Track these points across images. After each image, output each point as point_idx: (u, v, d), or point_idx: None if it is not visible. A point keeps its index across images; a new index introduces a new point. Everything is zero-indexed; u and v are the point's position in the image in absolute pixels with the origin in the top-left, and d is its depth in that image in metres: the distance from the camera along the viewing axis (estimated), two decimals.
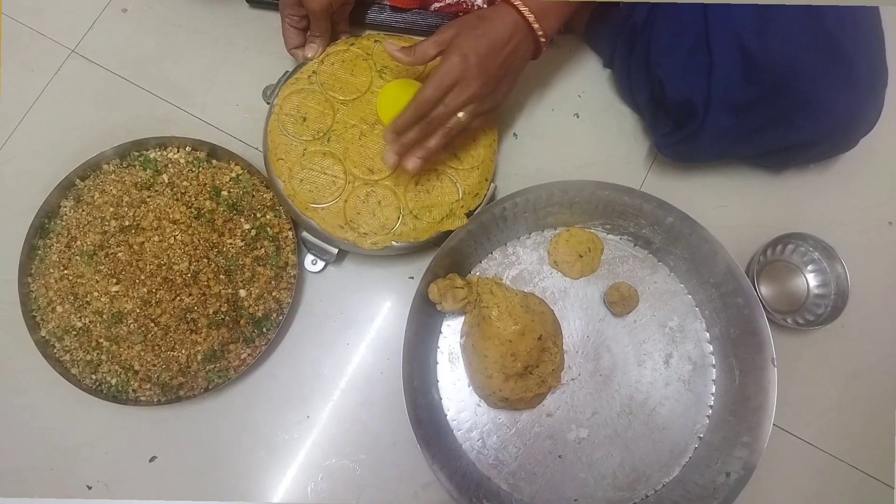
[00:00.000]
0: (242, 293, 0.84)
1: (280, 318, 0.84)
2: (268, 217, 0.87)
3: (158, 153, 0.89)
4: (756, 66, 0.76)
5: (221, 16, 0.98)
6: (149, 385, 0.82)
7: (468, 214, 0.84)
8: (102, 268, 0.83)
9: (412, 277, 0.90)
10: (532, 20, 0.74)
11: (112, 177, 0.87)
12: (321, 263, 0.88)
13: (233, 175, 0.88)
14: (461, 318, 0.87)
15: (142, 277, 0.83)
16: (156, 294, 0.82)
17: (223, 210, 0.86)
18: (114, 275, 0.83)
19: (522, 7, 0.74)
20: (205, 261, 0.84)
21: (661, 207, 0.84)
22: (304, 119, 0.85)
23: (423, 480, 0.84)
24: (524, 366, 0.81)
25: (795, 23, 0.74)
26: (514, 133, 0.96)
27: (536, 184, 0.84)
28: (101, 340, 0.82)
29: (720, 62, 0.77)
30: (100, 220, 0.85)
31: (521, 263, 0.90)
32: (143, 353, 0.82)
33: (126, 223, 0.85)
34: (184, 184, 0.87)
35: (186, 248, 0.84)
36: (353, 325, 0.89)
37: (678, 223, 0.84)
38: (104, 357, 0.82)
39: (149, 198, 0.86)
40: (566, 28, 0.99)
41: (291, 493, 0.83)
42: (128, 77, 0.96)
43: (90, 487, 0.83)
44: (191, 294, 0.83)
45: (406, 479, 0.84)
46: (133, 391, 0.82)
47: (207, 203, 0.86)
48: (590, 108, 0.97)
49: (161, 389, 0.82)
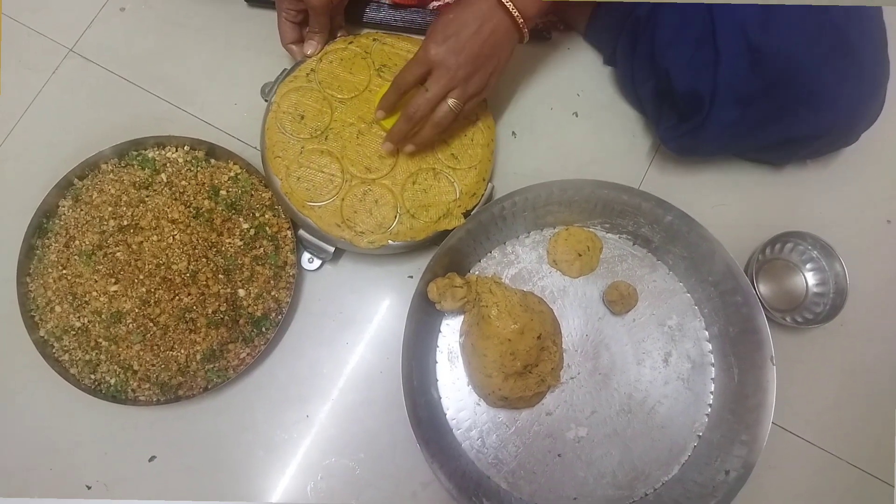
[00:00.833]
0: (241, 293, 0.84)
1: (279, 318, 0.84)
2: (266, 216, 0.87)
3: (157, 152, 0.89)
4: (761, 57, 0.76)
5: (220, 14, 0.98)
6: (148, 385, 0.82)
7: (465, 214, 0.84)
8: (101, 267, 0.83)
9: (411, 276, 0.90)
10: (507, 2, 0.74)
11: (110, 176, 0.87)
12: (318, 262, 0.88)
13: (231, 174, 0.88)
14: (460, 317, 0.87)
15: (140, 277, 0.83)
16: (154, 294, 0.82)
17: (222, 209, 0.86)
18: (112, 274, 0.83)
19: None
20: (203, 260, 0.84)
21: (660, 206, 0.84)
22: (302, 117, 0.85)
23: (423, 479, 0.84)
24: (523, 365, 0.81)
25: (800, 14, 0.74)
26: (513, 132, 0.96)
27: (535, 183, 0.84)
28: (100, 340, 0.82)
29: (726, 54, 0.77)
30: (98, 220, 0.85)
31: (521, 262, 0.90)
32: (142, 353, 0.82)
33: (124, 223, 0.85)
34: (182, 183, 0.87)
35: (185, 248, 0.84)
36: (353, 325, 0.89)
37: (677, 222, 0.84)
38: (103, 357, 0.82)
39: (147, 197, 0.86)
40: (567, 25, 0.99)
41: (291, 493, 0.83)
42: (126, 76, 0.96)
43: (90, 487, 0.83)
44: (190, 294, 0.83)
45: (405, 478, 0.84)
46: (132, 391, 0.82)
47: (206, 202, 0.86)
48: (589, 107, 0.97)
49: (160, 389, 0.82)
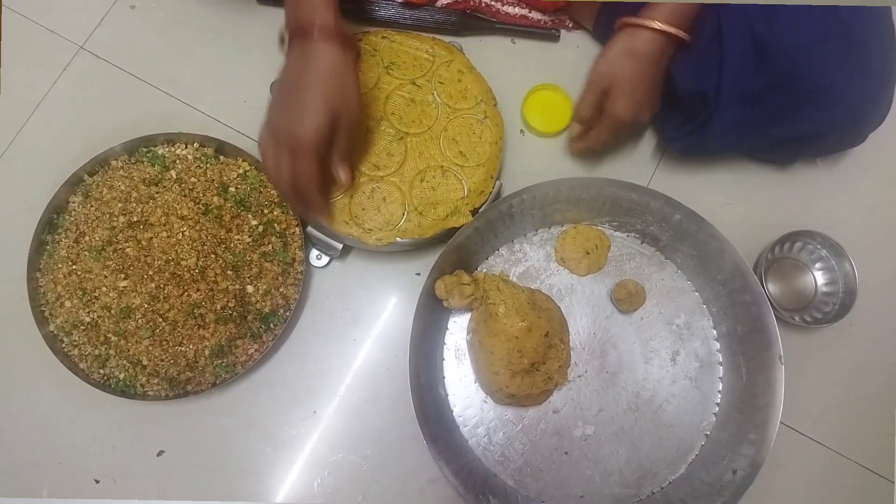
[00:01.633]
0: (250, 289, 0.84)
1: (287, 314, 0.85)
2: (275, 213, 0.87)
3: (166, 149, 0.89)
4: (767, 55, 0.75)
5: (230, 12, 0.98)
6: (157, 380, 0.82)
7: (473, 212, 0.84)
8: (111, 263, 0.84)
9: (419, 274, 0.90)
10: (674, 32, 0.75)
11: (120, 173, 0.87)
12: (326, 258, 0.88)
13: (240, 171, 0.89)
14: (468, 315, 0.87)
15: (150, 273, 0.83)
16: (164, 289, 0.83)
17: (231, 206, 0.87)
18: (122, 270, 0.83)
19: (668, 28, 0.75)
20: (212, 256, 0.84)
21: (669, 204, 0.84)
22: None
23: (429, 476, 0.84)
24: (531, 362, 0.81)
25: (808, 11, 0.74)
26: (521, 130, 0.96)
27: (543, 181, 0.84)
28: (110, 335, 0.82)
29: (732, 52, 0.77)
30: (108, 216, 0.85)
31: (528, 260, 0.90)
32: (151, 348, 0.82)
33: (134, 219, 0.85)
34: (192, 180, 0.87)
35: (194, 244, 0.84)
36: (360, 321, 0.89)
37: (686, 220, 0.84)
38: (112, 352, 0.82)
39: (157, 194, 0.86)
40: (575, 23, 0.99)
41: (298, 489, 0.84)
42: (136, 73, 0.96)
43: (98, 482, 0.83)
44: (198, 290, 0.83)
45: (412, 475, 0.84)
46: (141, 386, 0.82)
47: (215, 199, 0.87)
48: None
49: (169, 384, 0.82)
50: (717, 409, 0.85)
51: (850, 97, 0.77)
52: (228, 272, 0.84)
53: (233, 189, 0.88)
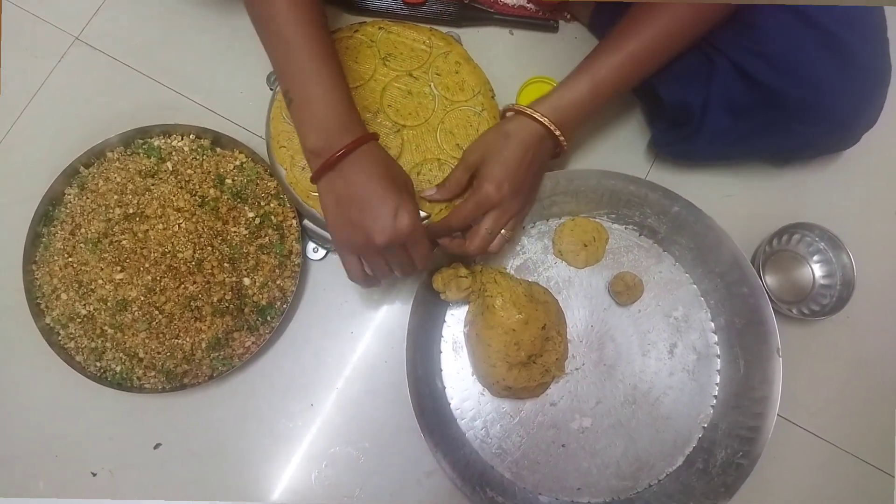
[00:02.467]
0: (247, 281, 0.84)
1: (284, 307, 0.84)
2: (272, 205, 0.87)
3: (162, 141, 0.89)
4: (755, 80, 0.75)
5: (226, 2, 0.98)
6: (153, 372, 0.82)
7: None
8: (107, 255, 0.83)
9: None
10: (553, 128, 0.75)
11: (116, 164, 0.87)
12: (322, 251, 0.88)
13: (237, 163, 0.88)
14: (465, 308, 0.87)
15: (146, 265, 0.83)
16: (160, 282, 0.83)
17: (227, 198, 0.86)
18: (118, 262, 0.83)
19: (541, 118, 0.74)
20: (209, 249, 0.84)
21: (667, 197, 0.84)
22: None
23: (427, 468, 0.84)
24: (528, 355, 0.81)
25: (793, 23, 0.72)
26: None
27: None
28: (106, 328, 0.82)
29: (721, 65, 0.77)
30: (104, 208, 0.85)
31: (526, 253, 0.90)
32: (148, 341, 0.82)
33: (130, 211, 0.85)
34: (188, 172, 0.87)
35: (191, 236, 0.84)
36: (357, 314, 0.89)
37: (684, 212, 0.84)
38: (109, 344, 0.82)
39: (153, 185, 0.86)
40: (572, 15, 0.99)
41: (296, 481, 0.84)
42: (132, 64, 0.96)
43: (95, 474, 0.83)
44: (195, 282, 0.83)
45: (410, 467, 0.84)
46: (138, 378, 0.82)
47: (211, 191, 0.86)
48: None
49: (165, 377, 0.82)
50: (715, 402, 0.85)
51: (839, 111, 0.75)
52: (225, 264, 0.84)
53: (229, 181, 0.87)
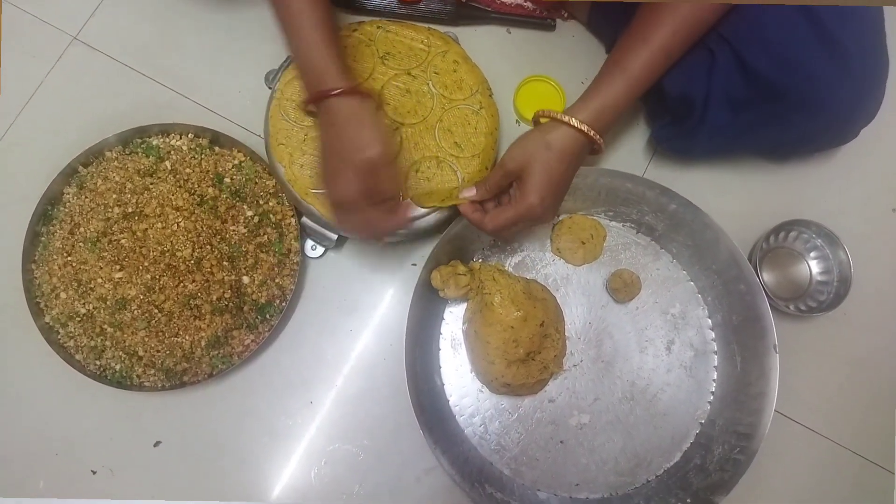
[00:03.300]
0: (246, 280, 0.84)
1: (283, 305, 0.85)
2: (270, 204, 0.87)
3: (161, 140, 0.89)
4: (755, 71, 0.75)
5: (223, 1, 0.98)
6: (153, 371, 0.82)
7: None
8: (106, 254, 0.84)
9: (415, 264, 0.90)
10: (592, 134, 0.74)
11: (115, 164, 0.87)
12: (321, 249, 0.88)
13: (235, 162, 0.88)
14: (463, 305, 0.87)
15: (145, 264, 0.83)
16: (159, 280, 0.83)
17: (226, 197, 0.86)
18: (117, 261, 0.83)
19: (581, 125, 0.74)
20: (208, 247, 0.84)
21: (664, 194, 0.84)
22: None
23: (426, 465, 0.84)
24: (526, 352, 0.81)
25: (792, 19, 0.73)
26: (517, 120, 0.96)
27: None
28: (105, 326, 0.82)
29: (722, 58, 0.77)
30: (103, 207, 0.85)
31: (524, 250, 0.90)
32: (147, 339, 0.82)
33: (129, 210, 0.85)
34: (186, 171, 0.87)
35: (189, 235, 0.84)
36: (356, 312, 0.89)
37: (681, 210, 0.84)
38: (108, 343, 0.82)
39: (152, 185, 0.86)
40: (570, 13, 0.99)
41: (295, 478, 0.84)
42: (130, 64, 0.96)
43: (95, 472, 0.84)
44: (194, 280, 0.83)
45: (409, 464, 0.84)
46: (137, 377, 0.82)
47: (210, 190, 0.86)
48: None
49: (165, 375, 0.82)
50: (712, 398, 0.85)
51: (837, 104, 0.76)
52: (224, 263, 0.84)
53: (228, 180, 0.87)
